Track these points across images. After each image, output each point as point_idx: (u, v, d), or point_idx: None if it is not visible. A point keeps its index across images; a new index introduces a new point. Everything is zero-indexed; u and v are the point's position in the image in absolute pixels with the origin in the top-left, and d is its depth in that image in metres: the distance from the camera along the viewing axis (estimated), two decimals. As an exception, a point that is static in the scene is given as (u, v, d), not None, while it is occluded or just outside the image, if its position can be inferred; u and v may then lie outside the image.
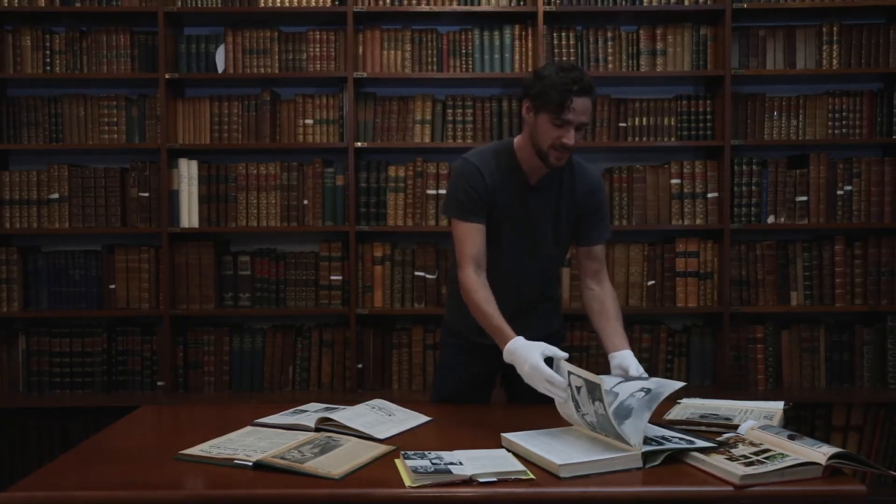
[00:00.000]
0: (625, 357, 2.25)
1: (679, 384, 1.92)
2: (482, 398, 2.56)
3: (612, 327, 2.34)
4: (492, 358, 2.44)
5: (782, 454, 1.77)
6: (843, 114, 3.50)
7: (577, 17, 3.50)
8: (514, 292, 2.40)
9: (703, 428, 2.03)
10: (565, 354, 2.06)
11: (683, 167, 3.50)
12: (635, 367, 2.21)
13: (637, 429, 1.81)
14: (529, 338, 2.29)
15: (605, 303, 2.39)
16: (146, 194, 3.50)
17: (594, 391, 1.84)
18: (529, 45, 3.47)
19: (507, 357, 2.15)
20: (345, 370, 3.51)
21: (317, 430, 2.07)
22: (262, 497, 1.71)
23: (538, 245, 2.38)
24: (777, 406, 2.18)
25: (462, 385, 2.50)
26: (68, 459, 1.93)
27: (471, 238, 2.28)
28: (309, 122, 3.52)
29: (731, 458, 1.77)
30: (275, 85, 3.59)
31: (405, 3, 3.45)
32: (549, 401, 2.30)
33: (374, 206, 3.50)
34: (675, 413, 2.16)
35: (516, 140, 2.36)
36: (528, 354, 2.07)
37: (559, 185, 2.36)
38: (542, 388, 2.03)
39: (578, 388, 1.91)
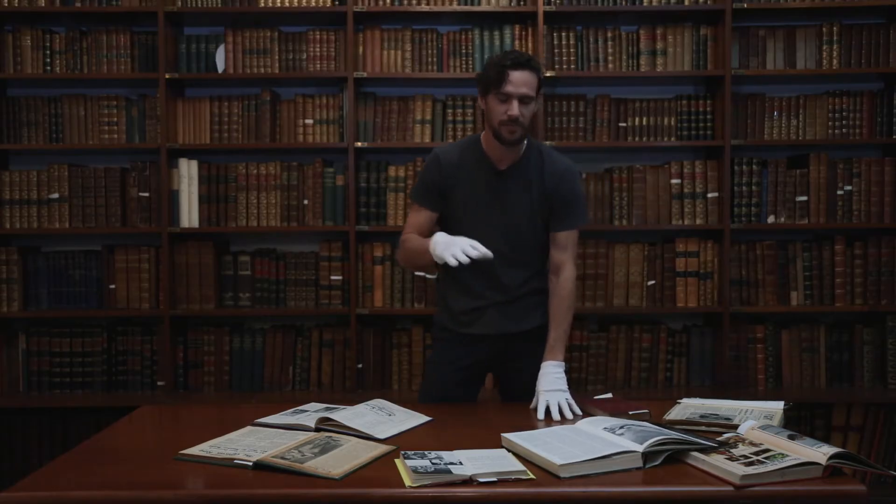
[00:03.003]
0: (540, 374, 2.35)
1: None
2: (470, 394, 2.57)
3: (552, 336, 2.43)
4: (479, 349, 2.46)
5: (782, 454, 1.77)
6: (843, 114, 3.50)
7: (577, 17, 3.50)
8: (494, 281, 2.45)
9: (704, 428, 2.03)
10: (489, 253, 2.23)
11: (683, 167, 3.50)
12: (542, 388, 2.30)
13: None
14: (516, 331, 2.43)
15: (550, 305, 2.47)
16: (146, 194, 3.50)
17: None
18: (529, 45, 3.47)
19: (432, 245, 2.29)
20: (345, 370, 3.51)
21: (317, 430, 2.07)
22: (262, 497, 1.71)
23: (513, 230, 2.44)
24: (777, 406, 2.18)
25: (451, 379, 2.52)
26: (68, 459, 1.93)
27: (417, 221, 2.50)
28: (309, 122, 3.52)
29: (732, 458, 1.77)
30: (275, 85, 3.59)
31: (405, 3, 3.45)
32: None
33: (374, 206, 3.50)
34: (675, 413, 2.16)
35: (483, 133, 2.49)
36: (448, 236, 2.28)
37: (528, 170, 2.44)
38: (456, 250, 2.20)
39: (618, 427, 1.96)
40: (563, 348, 2.43)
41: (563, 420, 2.20)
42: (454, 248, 2.22)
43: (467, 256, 2.20)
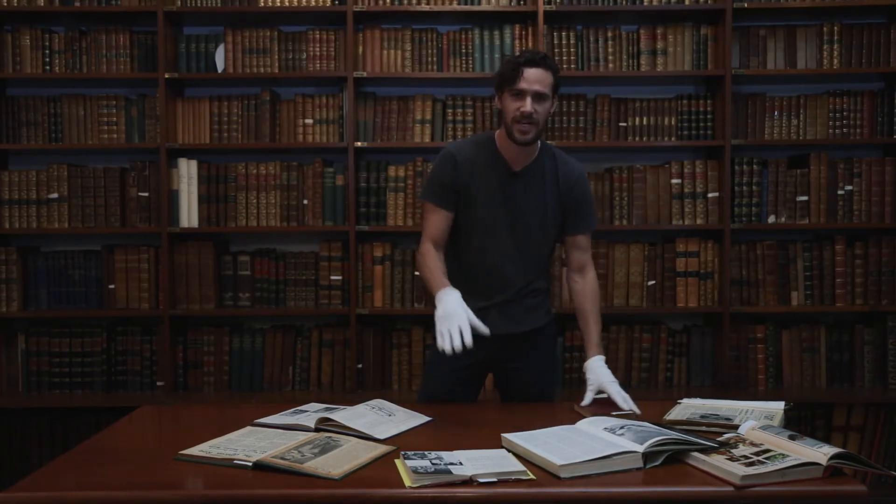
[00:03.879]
0: (592, 369, 2.39)
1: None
2: (470, 395, 2.57)
3: (587, 331, 2.49)
4: (479, 348, 2.45)
5: (783, 454, 1.77)
6: (844, 113, 3.49)
7: (577, 16, 3.49)
8: (499, 279, 2.46)
9: (704, 428, 2.03)
10: (486, 330, 2.18)
11: (684, 167, 3.50)
12: (607, 380, 2.34)
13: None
14: (517, 332, 2.45)
15: (584, 302, 2.52)
16: (146, 194, 3.50)
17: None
18: (530, 44, 3.47)
19: (437, 300, 2.25)
20: (345, 370, 3.51)
21: (317, 430, 2.07)
22: (262, 497, 1.71)
23: (523, 230, 2.44)
24: (777, 406, 2.18)
25: (450, 379, 2.52)
26: (68, 459, 1.93)
27: (435, 221, 2.45)
28: (309, 121, 3.52)
29: (732, 459, 1.77)
30: (275, 85, 3.58)
31: (405, 2, 3.44)
32: (545, 400, 2.32)
33: (374, 206, 3.50)
34: (675, 413, 2.16)
35: (497, 131, 2.47)
36: (457, 303, 2.20)
37: (543, 172, 2.45)
38: (446, 327, 2.13)
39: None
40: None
41: (627, 415, 2.21)
42: (445, 327, 2.14)
43: (457, 341, 2.13)
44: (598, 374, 2.36)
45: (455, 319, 2.15)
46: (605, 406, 2.27)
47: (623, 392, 2.30)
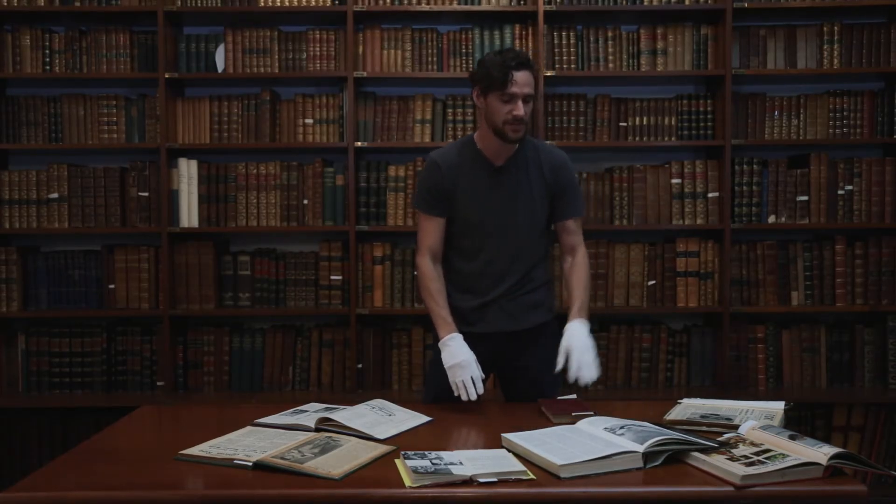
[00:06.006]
0: (565, 334, 2.38)
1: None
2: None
3: (570, 298, 2.50)
4: (480, 348, 2.45)
5: (783, 454, 1.77)
6: (844, 113, 3.49)
7: (577, 16, 3.49)
8: (496, 273, 2.48)
9: (704, 428, 2.02)
10: (481, 389, 2.31)
11: (684, 167, 3.50)
12: (575, 350, 2.33)
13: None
14: (518, 329, 2.48)
15: (570, 276, 2.54)
16: (146, 194, 3.50)
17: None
18: (530, 44, 3.47)
19: (441, 345, 2.37)
20: (345, 370, 3.51)
21: (317, 430, 2.07)
22: (262, 497, 1.71)
23: (513, 223, 2.47)
24: (778, 406, 2.18)
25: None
26: (68, 459, 1.93)
27: (430, 231, 2.50)
28: (309, 121, 3.51)
29: (732, 459, 1.77)
30: (275, 85, 3.58)
31: (405, 2, 3.44)
32: (547, 398, 2.32)
33: (374, 205, 3.50)
34: (675, 413, 2.16)
35: (476, 133, 2.52)
36: (465, 350, 2.34)
37: (526, 164, 2.48)
38: (460, 379, 2.29)
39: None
40: (587, 310, 2.47)
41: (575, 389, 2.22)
42: (459, 379, 2.30)
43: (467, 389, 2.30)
44: (569, 336, 2.35)
45: (467, 370, 2.30)
46: (569, 406, 2.26)
47: (588, 360, 2.31)
